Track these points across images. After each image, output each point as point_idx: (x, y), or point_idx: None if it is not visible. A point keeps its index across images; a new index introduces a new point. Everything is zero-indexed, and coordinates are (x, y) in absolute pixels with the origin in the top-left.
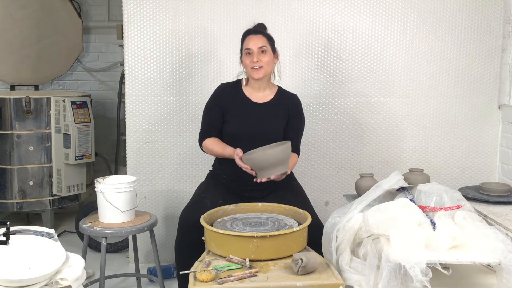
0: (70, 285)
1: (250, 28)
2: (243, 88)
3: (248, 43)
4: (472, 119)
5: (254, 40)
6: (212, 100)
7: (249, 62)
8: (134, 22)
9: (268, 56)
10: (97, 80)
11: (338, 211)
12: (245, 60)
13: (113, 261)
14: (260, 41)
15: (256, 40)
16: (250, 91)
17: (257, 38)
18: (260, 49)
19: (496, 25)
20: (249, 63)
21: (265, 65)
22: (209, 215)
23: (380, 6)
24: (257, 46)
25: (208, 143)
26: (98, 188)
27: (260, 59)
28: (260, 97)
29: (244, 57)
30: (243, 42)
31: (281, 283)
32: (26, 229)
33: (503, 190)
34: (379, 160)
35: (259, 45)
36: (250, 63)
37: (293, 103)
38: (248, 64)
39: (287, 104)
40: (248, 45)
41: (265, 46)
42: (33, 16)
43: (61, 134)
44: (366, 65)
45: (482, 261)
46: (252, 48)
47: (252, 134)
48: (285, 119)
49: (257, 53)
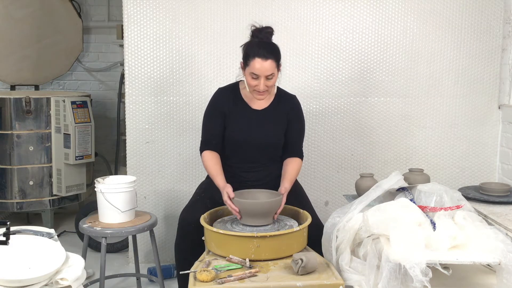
0: (70, 285)
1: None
2: (242, 92)
3: (254, 67)
4: (472, 119)
5: (262, 66)
6: (212, 106)
7: (254, 85)
8: (134, 22)
9: (274, 80)
10: (97, 80)
11: (338, 211)
12: (250, 81)
13: (113, 261)
14: (269, 68)
15: (265, 66)
16: (249, 96)
17: (266, 64)
18: (267, 76)
19: (496, 25)
20: (254, 86)
21: (270, 88)
22: (209, 215)
23: (380, 6)
24: (265, 74)
25: (205, 159)
26: (98, 188)
27: (266, 84)
28: (260, 102)
29: (248, 76)
30: (248, 59)
31: (281, 283)
32: (26, 229)
33: (503, 190)
34: (379, 160)
35: (267, 73)
36: (255, 87)
37: (292, 106)
38: (252, 86)
39: (286, 108)
40: (254, 70)
41: (273, 73)
42: (33, 16)
43: (61, 134)
44: (366, 65)
45: (482, 261)
46: (259, 75)
47: (253, 141)
48: (285, 123)
49: (263, 80)
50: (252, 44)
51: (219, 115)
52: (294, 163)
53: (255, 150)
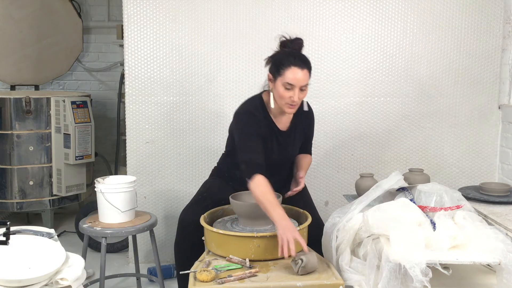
0: (70, 285)
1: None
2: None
3: (290, 77)
4: (472, 119)
5: (299, 75)
6: (250, 126)
7: (288, 97)
8: (134, 22)
9: (306, 92)
10: (97, 80)
11: (338, 211)
12: (283, 93)
13: (113, 261)
14: (305, 78)
15: (302, 76)
16: (276, 116)
17: (302, 74)
18: (302, 87)
19: (496, 25)
20: (287, 98)
21: (300, 101)
22: (209, 215)
23: (380, 6)
24: (301, 84)
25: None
26: (98, 188)
27: (300, 96)
28: (283, 121)
29: (281, 87)
30: (281, 69)
31: (281, 283)
32: (26, 229)
33: (503, 190)
34: (379, 160)
35: (303, 84)
36: (288, 99)
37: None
38: (285, 97)
39: (305, 124)
40: (290, 80)
41: (307, 84)
42: (33, 16)
43: (61, 134)
44: (366, 65)
45: (482, 261)
46: (295, 85)
47: (276, 161)
48: (302, 138)
49: (298, 91)
50: (286, 54)
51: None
52: (307, 158)
53: (277, 167)
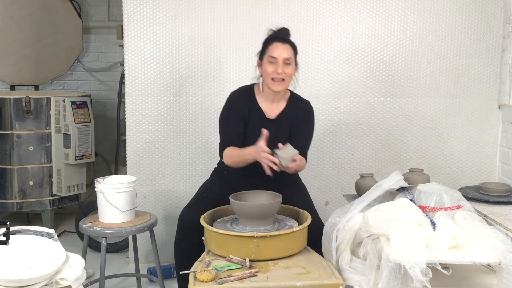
0: (70, 285)
1: (277, 33)
2: (257, 97)
3: (273, 51)
4: (472, 119)
5: (280, 49)
6: (229, 110)
7: (272, 71)
8: (134, 22)
9: (291, 69)
10: (97, 80)
11: (338, 211)
12: (267, 68)
13: (113, 261)
14: (287, 51)
15: (283, 50)
16: (264, 102)
17: (284, 48)
18: (285, 60)
19: (496, 25)
20: (272, 72)
21: (287, 78)
22: (209, 215)
23: (380, 6)
24: (283, 57)
25: (227, 154)
26: (98, 188)
27: (284, 70)
28: (274, 109)
29: (267, 64)
30: (266, 47)
31: (281, 283)
32: (26, 229)
33: (503, 190)
34: (379, 160)
35: (285, 56)
36: (273, 73)
37: (302, 113)
38: (270, 72)
39: (297, 115)
40: (273, 53)
41: (291, 58)
42: (33, 16)
43: (61, 134)
44: (366, 65)
45: (482, 261)
46: (277, 58)
47: None
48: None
49: (281, 64)
50: (270, 35)
51: (238, 118)
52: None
53: None
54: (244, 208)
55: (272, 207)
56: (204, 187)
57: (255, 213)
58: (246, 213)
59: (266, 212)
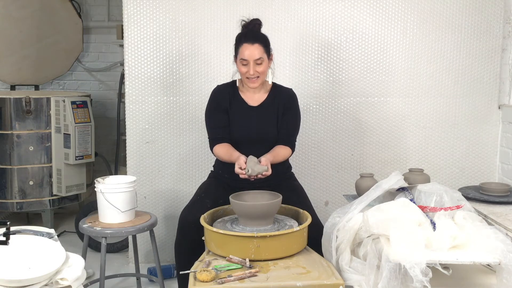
0: (70, 285)
1: (246, 31)
2: (239, 89)
3: (243, 53)
4: (472, 119)
5: (250, 50)
6: (212, 102)
7: (245, 72)
8: (134, 22)
9: (264, 65)
10: (97, 80)
11: (338, 211)
12: (241, 68)
13: (113, 261)
14: (256, 52)
15: (253, 51)
16: (245, 93)
17: (253, 48)
18: (256, 60)
19: (496, 25)
20: (245, 73)
21: (261, 75)
22: (209, 215)
23: (380, 6)
24: (253, 58)
25: (218, 151)
26: (98, 188)
27: (256, 70)
28: (256, 99)
29: (240, 65)
30: (237, 48)
31: (281, 283)
32: (26, 229)
33: (503, 190)
34: (379, 160)
35: (256, 57)
36: (246, 73)
37: (287, 98)
38: (244, 73)
39: (282, 101)
40: (243, 55)
41: (261, 57)
42: (33, 16)
43: (61, 134)
44: (366, 65)
45: (482, 261)
46: (248, 60)
47: (252, 138)
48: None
49: (253, 65)
50: (240, 34)
51: (221, 110)
52: (282, 148)
53: (255, 146)
54: (244, 208)
55: (272, 207)
56: (201, 189)
57: (255, 213)
58: (246, 213)
59: (266, 212)
